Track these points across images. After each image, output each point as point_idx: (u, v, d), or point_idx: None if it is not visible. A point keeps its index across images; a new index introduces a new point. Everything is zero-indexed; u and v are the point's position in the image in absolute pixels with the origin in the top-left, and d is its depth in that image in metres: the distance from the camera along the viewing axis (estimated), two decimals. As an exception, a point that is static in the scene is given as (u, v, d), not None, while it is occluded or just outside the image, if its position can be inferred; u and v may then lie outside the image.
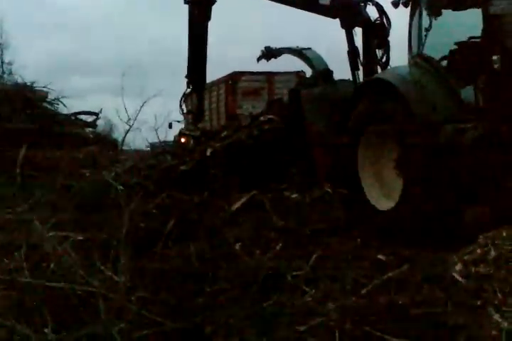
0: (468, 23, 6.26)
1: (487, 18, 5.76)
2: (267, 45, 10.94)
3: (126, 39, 45.22)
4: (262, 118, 8.91)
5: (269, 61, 11.15)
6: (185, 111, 10.46)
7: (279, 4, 9.33)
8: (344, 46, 8.79)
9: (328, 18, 8.98)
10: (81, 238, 5.10)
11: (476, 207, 5.55)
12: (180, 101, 10.24)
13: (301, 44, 10.28)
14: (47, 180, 7.65)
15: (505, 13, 5.73)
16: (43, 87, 12.87)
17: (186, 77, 9.84)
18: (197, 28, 9.57)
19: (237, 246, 5.50)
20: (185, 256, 5.08)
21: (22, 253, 4.34)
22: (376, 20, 8.59)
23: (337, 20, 8.84)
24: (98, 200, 6.60)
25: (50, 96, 12.95)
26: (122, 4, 50.21)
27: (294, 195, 7.32)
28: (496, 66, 5.73)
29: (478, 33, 5.94)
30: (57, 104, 13.00)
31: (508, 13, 5.73)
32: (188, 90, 9.89)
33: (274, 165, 8.05)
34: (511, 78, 5.57)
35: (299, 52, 10.13)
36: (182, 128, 11.26)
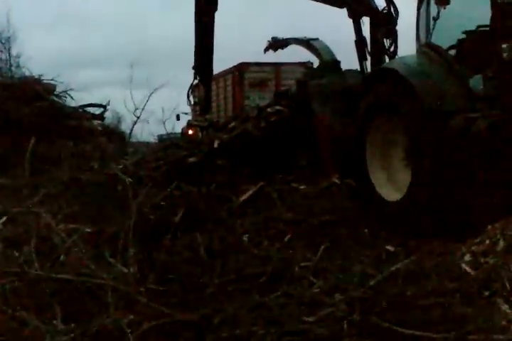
0: (476, 12, 6.19)
1: (495, 6, 5.70)
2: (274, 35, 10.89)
3: (133, 31, 45.21)
4: (269, 109, 8.87)
5: (276, 52, 11.10)
6: (192, 102, 10.45)
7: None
8: (352, 36, 8.74)
9: (335, 8, 8.92)
10: (90, 230, 5.12)
11: (485, 198, 5.52)
12: (188, 93, 10.23)
13: (308, 35, 10.22)
14: (56, 173, 7.68)
15: (514, 1, 5.67)
16: (51, 80, 12.86)
17: (193, 68, 9.83)
18: (203, 18, 9.52)
19: (245, 237, 5.51)
20: (194, 247, 5.09)
21: (32, 246, 4.36)
22: (384, 9, 8.52)
23: (344, 10, 8.77)
24: (107, 192, 6.62)
25: (58, 89, 12.94)
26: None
27: (301, 186, 7.31)
28: (504, 54, 5.67)
29: (486, 21, 5.88)
30: (65, 97, 12.99)
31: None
32: (195, 81, 9.88)
33: (281, 157, 8.03)
34: (520, 67, 5.52)
35: (306, 43, 10.06)
36: (190, 120, 11.28)
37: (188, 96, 10.23)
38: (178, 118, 15.75)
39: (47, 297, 3.69)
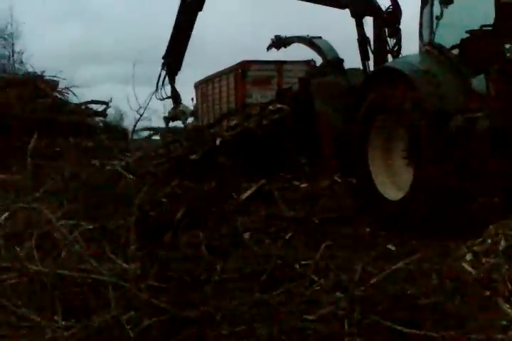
0: (479, 11, 6.19)
1: (499, 6, 5.70)
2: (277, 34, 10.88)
3: (137, 27, 45.23)
4: (271, 107, 8.87)
5: (279, 50, 11.09)
6: (165, 96, 10.40)
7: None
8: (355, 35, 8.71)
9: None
10: (91, 227, 5.13)
11: (487, 197, 5.53)
12: (157, 84, 10.19)
13: (312, 33, 10.20)
14: (57, 170, 7.69)
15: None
16: (53, 76, 12.87)
17: (163, 58, 9.98)
18: (186, 15, 9.70)
19: (247, 235, 5.52)
20: (195, 244, 5.10)
21: (33, 242, 4.37)
22: (388, 8, 8.49)
23: (347, 9, 8.75)
24: (109, 189, 6.63)
25: (61, 86, 12.95)
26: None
27: (303, 185, 7.31)
28: (507, 55, 5.67)
29: (490, 21, 5.88)
30: (68, 93, 13.01)
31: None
32: (163, 72, 10.02)
33: (283, 155, 8.04)
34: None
35: (309, 41, 10.05)
36: (164, 115, 11.27)
37: (157, 89, 10.18)
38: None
39: (48, 293, 3.69)
